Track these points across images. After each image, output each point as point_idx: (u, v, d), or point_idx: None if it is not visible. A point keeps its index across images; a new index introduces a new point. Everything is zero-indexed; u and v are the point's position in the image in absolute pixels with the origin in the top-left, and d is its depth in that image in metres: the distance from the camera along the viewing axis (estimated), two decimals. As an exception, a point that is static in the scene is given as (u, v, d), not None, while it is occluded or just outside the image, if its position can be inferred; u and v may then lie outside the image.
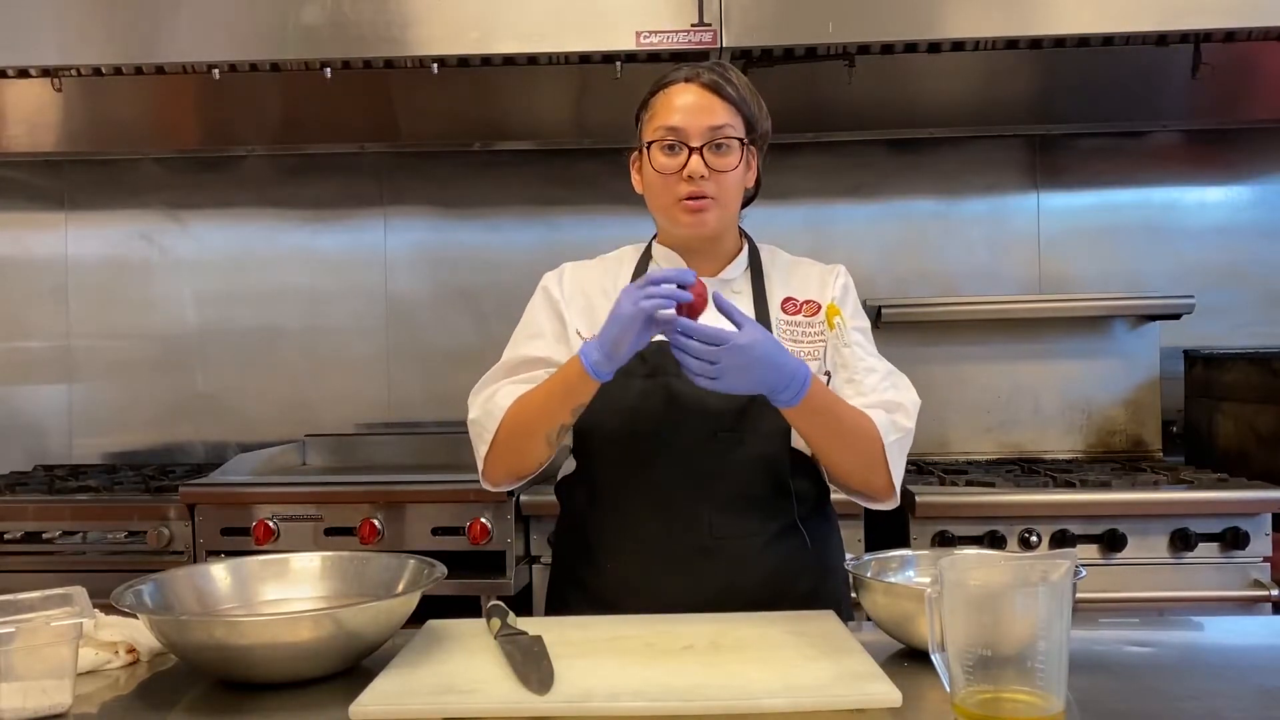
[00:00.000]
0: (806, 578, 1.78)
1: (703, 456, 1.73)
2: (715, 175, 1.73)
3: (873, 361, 1.80)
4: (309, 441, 3.45)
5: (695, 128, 1.73)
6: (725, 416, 1.73)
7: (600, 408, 1.75)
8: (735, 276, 1.84)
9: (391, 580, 1.57)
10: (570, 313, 1.85)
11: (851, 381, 1.77)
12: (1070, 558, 1.21)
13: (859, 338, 1.81)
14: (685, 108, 1.74)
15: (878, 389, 1.76)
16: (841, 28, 2.74)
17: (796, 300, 1.84)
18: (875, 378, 1.77)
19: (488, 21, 2.77)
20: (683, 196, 1.74)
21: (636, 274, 1.86)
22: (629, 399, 1.75)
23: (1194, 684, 1.42)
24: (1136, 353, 3.32)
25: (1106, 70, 3.18)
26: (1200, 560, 2.64)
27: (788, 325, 1.81)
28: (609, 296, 1.83)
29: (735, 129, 1.75)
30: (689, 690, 1.29)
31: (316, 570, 1.64)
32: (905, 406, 1.75)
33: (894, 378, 1.80)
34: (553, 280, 1.89)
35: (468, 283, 3.50)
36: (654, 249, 1.88)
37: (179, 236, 3.58)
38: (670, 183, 1.75)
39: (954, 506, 2.70)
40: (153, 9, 2.81)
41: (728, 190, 1.76)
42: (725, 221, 1.80)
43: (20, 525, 2.85)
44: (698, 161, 1.72)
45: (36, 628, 1.30)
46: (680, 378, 1.70)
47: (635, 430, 1.75)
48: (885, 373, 1.80)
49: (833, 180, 3.47)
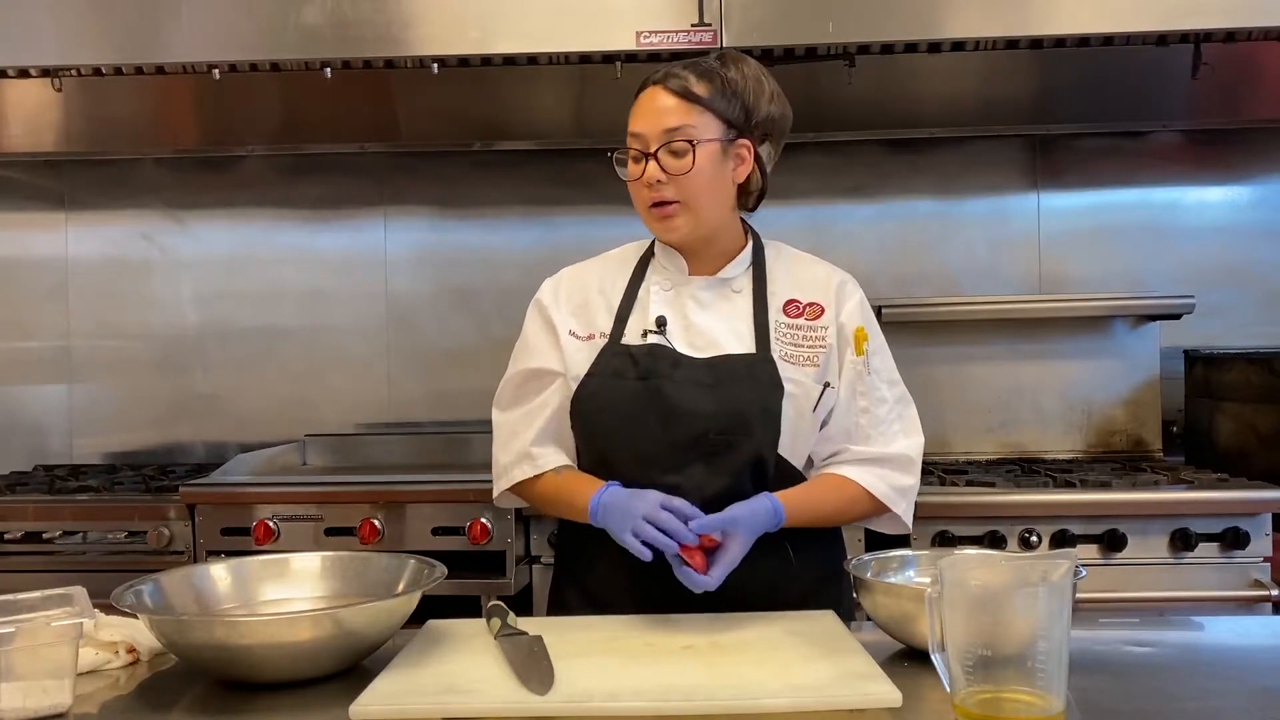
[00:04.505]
0: (801, 581, 1.77)
1: (694, 459, 1.71)
2: (675, 179, 1.71)
3: (884, 391, 1.82)
4: (309, 441, 3.45)
5: (652, 132, 1.72)
6: (717, 419, 1.71)
7: (594, 409, 1.76)
8: (736, 275, 1.83)
9: (392, 580, 1.57)
10: (561, 317, 1.85)
11: (866, 413, 1.80)
12: (1070, 558, 1.21)
13: (877, 364, 1.83)
14: (646, 113, 1.74)
15: (883, 434, 1.80)
16: (841, 28, 2.74)
17: (800, 303, 1.82)
18: (885, 409, 1.81)
19: (488, 21, 2.77)
20: (649, 203, 1.75)
21: (637, 273, 1.85)
22: (622, 401, 1.74)
23: (1194, 684, 1.42)
24: (1137, 353, 3.32)
25: (1106, 70, 3.18)
26: (1200, 560, 2.64)
27: (788, 329, 1.79)
28: (605, 296, 1.84)
29: (698, 129, 1.71)
30: (689, 690, 1.29)
31: (317, 570, 1.64)
32: (900, 460, 1.80)
33: (901, 407, 1.83)
34: (545, 290, 1.90)
35: (468, 283, 3.50)
36: (656, 247, 1.87)
37: (179, 236, 3.58)
38: (638, 190, 1.76)
39: (954, 506, 2.70)
40: (153, 9, 2.81)
41: (694, 193, 1.73)
42: (703, 225, 1.77)
43: (20, 525, 2.85)
44: (653, 167, 1.72)
45: (36, 628, 1.30)
46: (672, 380, 1.72)
47: (628, 432, 1.74)
48: (894, 402, 1.82)
49: (833, 180, 3.47)
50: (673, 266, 1.83)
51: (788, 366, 1.75)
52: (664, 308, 1.80)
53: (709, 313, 1.79)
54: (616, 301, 1.83)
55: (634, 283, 1.84)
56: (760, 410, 1.71)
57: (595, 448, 1.79)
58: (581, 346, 1.81)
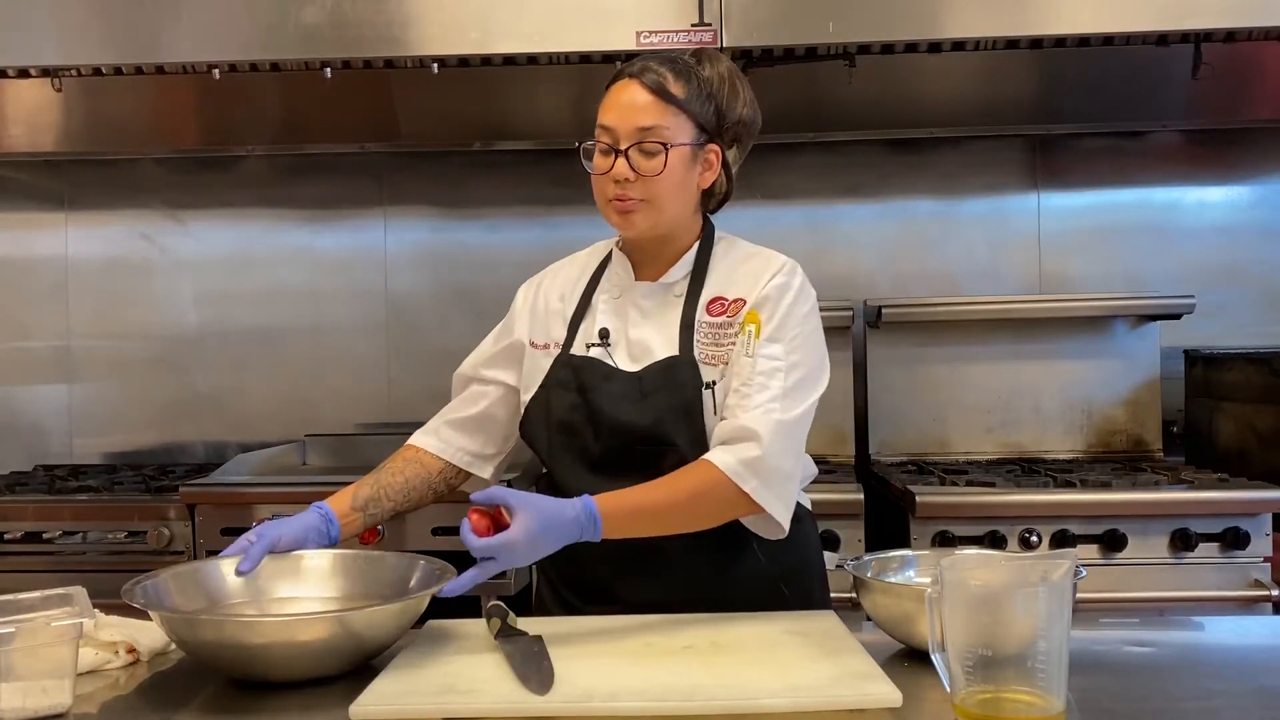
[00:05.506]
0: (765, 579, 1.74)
1: (629, 469, 1.67)
2: (642, 179, 1.69)
3: (771, 380, 1.66)
4: (309, 441, 3.45)
5: (625, 128, 1.69)
6: (640, 431, 1.69)
7: (539, 419, 1.78)
8: (677, 280, 1.78)
9: (400, 580, 1.57)
10: (523, 327, 1.86)
11: (737, 392, 1.67)
12: (1070, 558, 1.21)
13: (775, 350, 1.68)
14: (620, 106, 1.71)
15: (750, 412, 1.64)
16: (841, 28, 2.74)
17: (725, 299, 1.75)
18: (764, 395, 1.65)
19: (488, 21, 2.77)
20: (611, 198, 1.72)
21: (593, 280, 1.85)
22: (560, 412, 1.75)
23: (1194, 684, 1.42)
24: (1137, 353, 3.32)
25: (1107, 70, 3.18)
26: (1200, 560, 2.64)
27: (709, 328, 1.74)
28: (564, 303, 1.85)
29: (672, 131, 1.69)
30: (689, 690, 1.29)
31: (327, 568, 1.64)
32: (752, 431, 1.62)
33: (786, 400, 1.65)
34: (519, 296, 1.91)
35: (468, 283, 3.50)
36: (613, 253, 1.85)
37: (179, 236, 3.58)
38: (601, 183, 1.73)
39: (954, 506, 2.70)
40: (153, 9, 2.81)
41: (660, 194, 1.70)
42: (663, 224, 1.74)
43: (20, 525, 2.84)
44: (622, 164, 1.69)
45: (36, 628, 1.30)
46: (600, 392, 1.72)
47: (565, 442, 1.75)
48: (780, 392, 1.66)
49: (833, 180, 3.46)
50: (622, 272, 1.82)
51: (708, 369, 1.71)
52: (609, 318, 1.79)
53: (649, 322, 1.78)
54: (571, 311, 1.83)
55: (588, 291, 1.84)
56: (682, 415, 1.69)
57: (541, 457, 1.80)
58: (540, 356, 1.82)
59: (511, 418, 1.86)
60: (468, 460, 1.89)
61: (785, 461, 1.65)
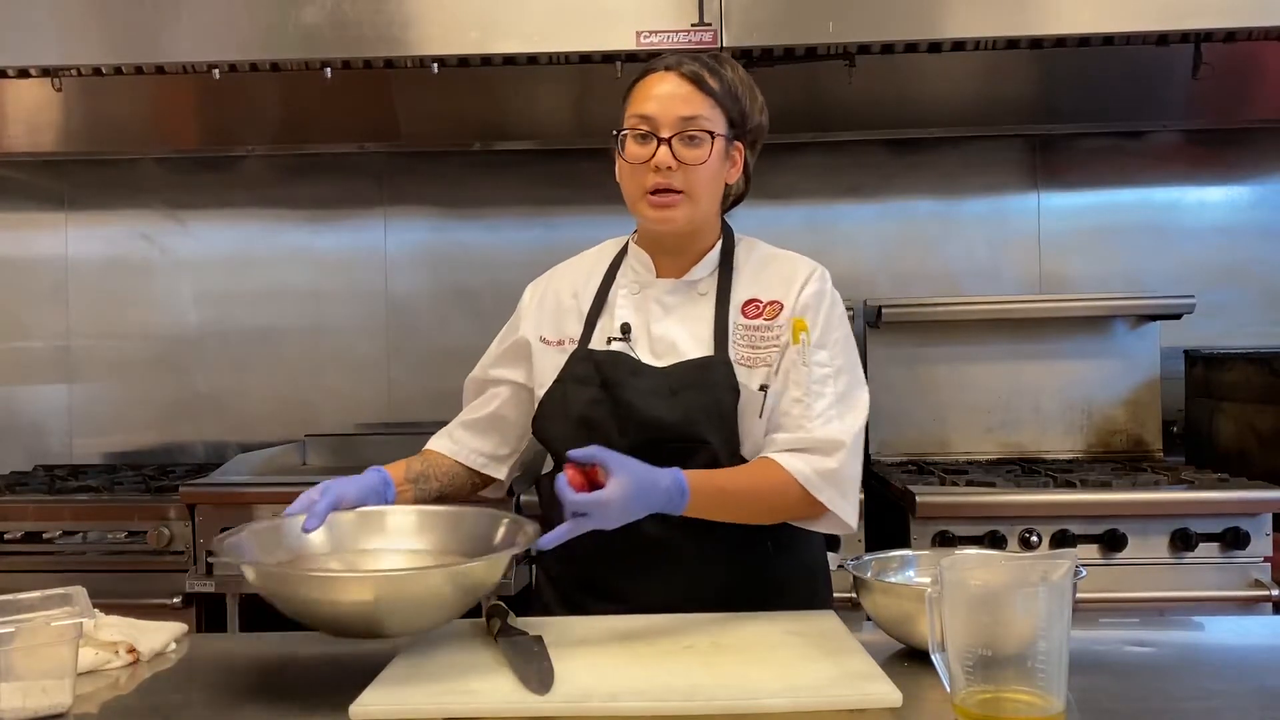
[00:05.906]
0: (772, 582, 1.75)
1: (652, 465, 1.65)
2: (684, 168, 1.69)
3: (825, 387, 1.71)
4: (309, 441, 3.45)
5: (667, 117, 1.69)
6: (673, 427, 1.69)
7: (555, 414, 1.76)
8: (702, 277, 1.79)
9: (484, 534, 1.58)
10: (530, 324, 1.85)
11: (799, 402, 1.70)
12: (1070, 558, 1.21)
13: (822, 356, 1.72)
14: (659, 96, 1.71)
15: (814, 421, 1.68)
16: (841, 28, 2.74)
17: (760, 302, 1.76)
18: (822, 404, 1.69)
19: (488, 21, 2.77)
20: (649, 189, 1.70)
21: (608, 276, 1.84)
22: (580, 407, 1.74)
23: (1194, 684, 1.42)
24: (1137, 353, 3.32)
25: (1107, 70, 3.18)
26: (1200, 560, 2.64)
27: (746, 330, 1.74)
28: (578, 300, 1.84)
29: (711, 122, 1.70)
30: (689, 690, 1.29)
31: (412, 524, 1.64)
32: (826, 444, 1.67)
33: (842, 406, 1.71)
34: (526, 295, 1.91)
35: (468, 283, 3.50)
36: (629, 248, 1.84)
37: (179, 236, 3.58)
38: (639, 173, 1.71)
39: (954, 506, 2.70)
40: (153, 9, 2.81)
41: (699, 185, 1.70)
42: (697, 219, 1.74)
43: (20, 525, 2.84)
44: (665, 152, 1.68)
45: (36, 628, 1.30)
46: (628, 387, 1.71)
47: (586, 437, 1.71)
48: (835, 398, 1.71)
49: (833, 180, 3.47)
50: (641, 268, 1.81)
51: (743, 370, 1.71)
52: (630, 313, 1.78)
53: (672, 317, 1.77)
54: (587, 306, 1.82)
55: (604, 286, 1.83)
56: (715, 415, 1.69)
57: (556, 452, 1.77)
58: (552, 352, 1.80)
59: (523, 417, 1.86)
60: (482, 462, 1.90)
61: (855, 469, 1.71)
